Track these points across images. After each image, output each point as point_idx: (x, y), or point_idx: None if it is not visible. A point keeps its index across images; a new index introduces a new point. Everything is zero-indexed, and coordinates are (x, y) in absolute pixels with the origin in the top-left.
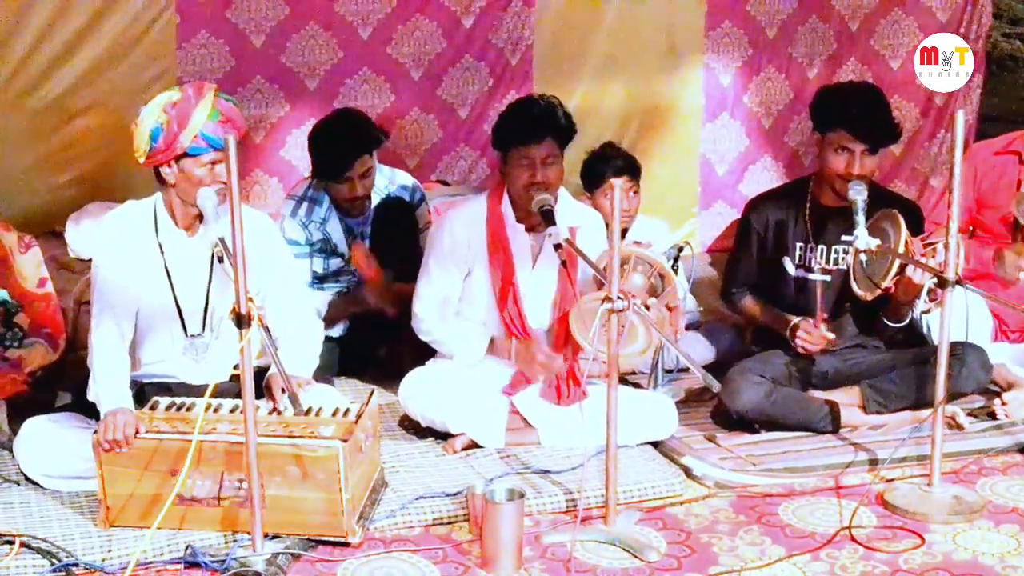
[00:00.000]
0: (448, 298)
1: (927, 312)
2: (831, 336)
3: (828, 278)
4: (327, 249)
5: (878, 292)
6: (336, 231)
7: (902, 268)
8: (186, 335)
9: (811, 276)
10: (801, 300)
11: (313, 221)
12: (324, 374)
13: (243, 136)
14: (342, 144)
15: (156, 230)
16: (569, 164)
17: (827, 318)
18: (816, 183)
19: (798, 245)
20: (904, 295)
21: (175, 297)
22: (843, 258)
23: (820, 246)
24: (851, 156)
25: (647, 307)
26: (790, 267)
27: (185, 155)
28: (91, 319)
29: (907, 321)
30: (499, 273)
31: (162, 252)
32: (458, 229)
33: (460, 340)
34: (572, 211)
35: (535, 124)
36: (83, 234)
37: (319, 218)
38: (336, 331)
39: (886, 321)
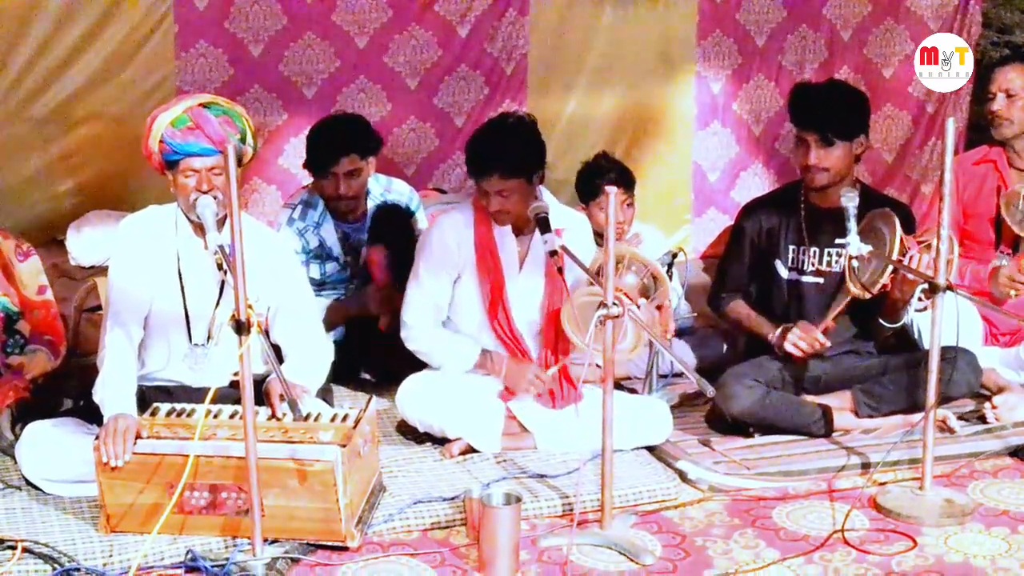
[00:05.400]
0: (438, 305)
1: (923, 310)
2: (827, 343)
3: (821, 280)
4: (322, 255)
5: (874, 291)
6: (331, 235)
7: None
8: (190, 342)
9: (803, 279)
10: (793, 303)
11: (308, 225)
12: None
13: (216, 143)
14: (330, 139)
15: (176, 235)
16: (565, 171)
17: (828, 327)
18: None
19: (791, 248)
20: (900, 291)
21: (185, 304)
22: (836, 261)
23: (813, 248)
24: (807, 147)
25: (637, 307)
26: (783, 270)
27: (168, 163)
28: (105, 319)
29: (902, 322)
30: (487, 277)
31: (178, 258)
32: (448, 234)
33: (448, 352)
34: (558, 214)
35: (481, 159)
36: (84, 242)
37: (313, 222)
38: (333, 335)
39: (882, 322)
